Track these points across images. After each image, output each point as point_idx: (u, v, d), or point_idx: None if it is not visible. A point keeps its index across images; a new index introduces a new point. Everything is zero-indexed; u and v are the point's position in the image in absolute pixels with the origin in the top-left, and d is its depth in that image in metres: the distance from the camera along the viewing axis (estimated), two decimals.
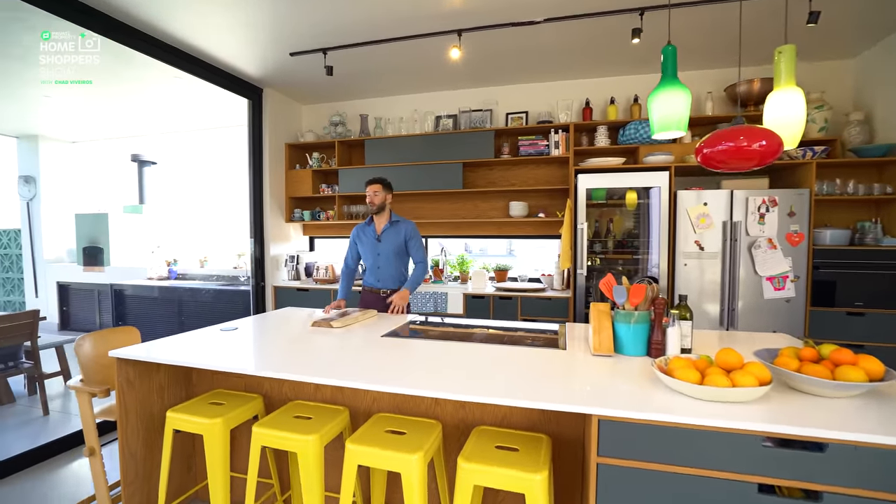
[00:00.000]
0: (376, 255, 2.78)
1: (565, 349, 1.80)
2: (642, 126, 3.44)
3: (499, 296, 3.64)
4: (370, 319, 2.43)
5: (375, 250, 2.78)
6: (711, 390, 1.18)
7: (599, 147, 3.67)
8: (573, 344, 1.88)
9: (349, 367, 1.58)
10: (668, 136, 1.73)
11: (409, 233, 2.78)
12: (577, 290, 3.39)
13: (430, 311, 3.79)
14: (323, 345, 1.91)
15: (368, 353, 1.77)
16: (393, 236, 2.76)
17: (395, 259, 2.77)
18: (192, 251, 5.72)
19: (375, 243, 2.78)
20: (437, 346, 1.88)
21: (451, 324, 2.47)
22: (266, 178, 4.23)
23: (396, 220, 2.80)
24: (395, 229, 2.78)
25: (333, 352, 1.80)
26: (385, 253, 2.76)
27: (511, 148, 4.01)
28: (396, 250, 2.76)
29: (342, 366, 1.61)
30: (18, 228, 6.42)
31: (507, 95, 4.15)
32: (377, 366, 1.60)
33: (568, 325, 2.26)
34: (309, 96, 4.50)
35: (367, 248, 2.81)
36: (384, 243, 2.76)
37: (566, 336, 2.03)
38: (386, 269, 2.78)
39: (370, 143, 4.18)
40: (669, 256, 3.20)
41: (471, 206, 4.25)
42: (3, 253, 6.94)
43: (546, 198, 4.05)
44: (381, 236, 2.77)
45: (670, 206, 3.20)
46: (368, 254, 2.81)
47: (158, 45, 3.22)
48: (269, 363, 1.64)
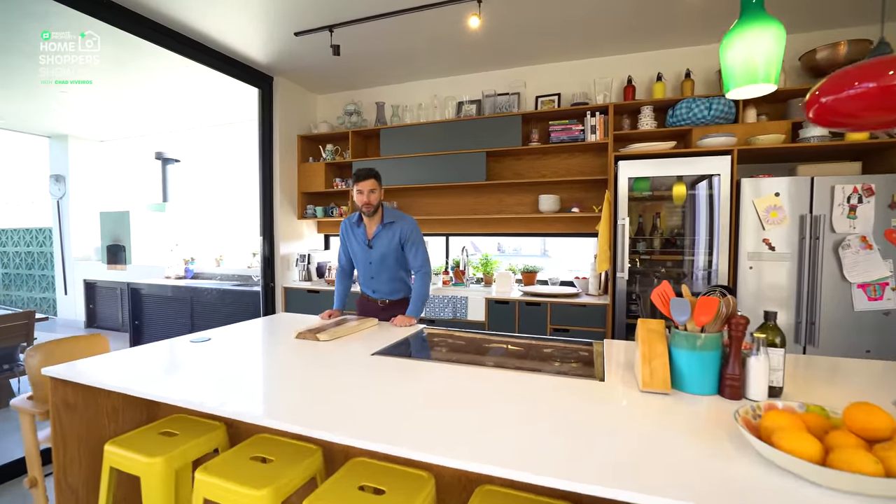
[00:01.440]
0: (368, 264, 2.37)
1: (603, 380, 1.37)
2: (696, 105, 2.91)
3: (525, 301, 3.21)
4: (367, 330, 2.07)
5: (367, 257, 2.36)
6: (852, 479, 0.72)
7: (643, 131, 3.16)
8: (613, 370, 1.44)
9: (319, 408, 1.21)
10: (750, 93, 1.27)
11: (405, 234, 2.30)
12: (616, 297, 2.91)
13: (447, 317, 3.40)
14: (300, 366, 1.56)
15: (351, 381, 1.40)
16: (386, 241, 2.31)
17: (391, 265, 2.35)
18: (209, 249, 5.59)
19: (366, 249, 2.36)
20: (440, 371, 1.49)
21: (465, 336, 2.07)
22: (276, 172, 3.97)
23: (391, 220, 2.31)
24: (388, 232, 2.31)
25: (308, 378, 1.44)
26: (378, 261, 2.34)
27: (541, 134, 3.56)
28: (392, 256, 2.33)
29: (312, 401, 1.25)
30: (51, 227, 6.52)
31: (536, 76, 3.70)
32: (356, 403, 1.23)
33: (606, 343, 1.82)
34: (323, 85, 4.21)
35: (358, 253, 2.40)
36: (376, 249, 2.33)
37: (604, 357, 1.59)
38: (381, 278, 2.37)
39: (386, 133, 3.84)
40: (731, 258, 2.68)
41: (495, 200, 3.83)
42: (38, 251, 7.11)
43: (581, 190, 3.57)
44: (372, 241, 2.34)
45: (733, 197, 2.67)
46: (359, 260, 2.41)
47: (162, 30, 3.01)
48: (222, 393, 1.30)
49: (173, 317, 4.70)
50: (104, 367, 1.49)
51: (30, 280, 7.23)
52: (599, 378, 1.38)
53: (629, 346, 1.78)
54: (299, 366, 1.55)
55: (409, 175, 3.74)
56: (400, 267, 2.37)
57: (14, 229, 7.41)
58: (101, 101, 4.72)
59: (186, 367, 1.51)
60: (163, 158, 6.25)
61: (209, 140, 5.83)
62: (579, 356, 1.73)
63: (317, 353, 1.70)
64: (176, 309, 4.68)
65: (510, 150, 3.49)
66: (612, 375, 1.40)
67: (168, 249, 5.71)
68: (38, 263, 7.11)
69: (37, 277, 7.13)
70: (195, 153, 6.16)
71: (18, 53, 3.60)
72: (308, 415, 1.13)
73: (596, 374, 1.42)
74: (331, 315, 2.30)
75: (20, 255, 7.34)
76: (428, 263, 2.38)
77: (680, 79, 3.27)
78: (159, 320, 4.81)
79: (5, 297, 7.58)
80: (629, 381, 1.35)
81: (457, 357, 1.70)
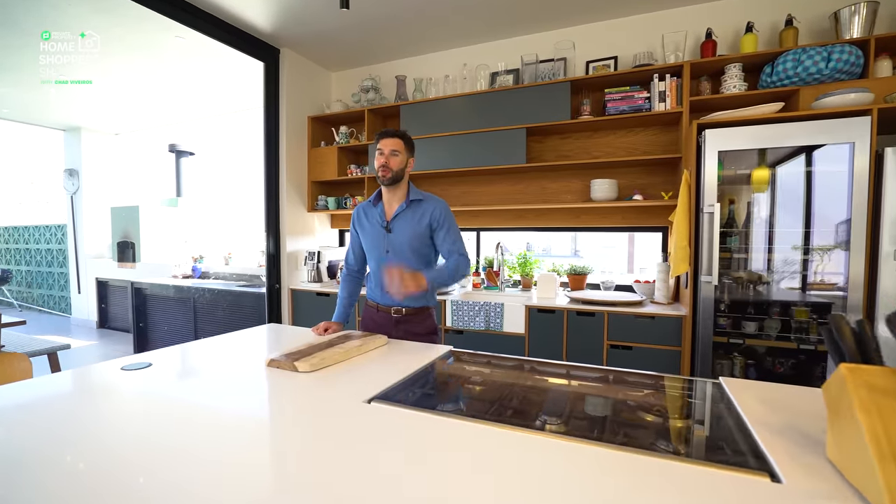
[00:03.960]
0: (383, 253, 1.78)
1: (778, 479, 0.74)
2: (809, 56, 2.22)
3: (575, 310, 2.58)
4: (370, 353, 1.50)
5: (382, 244, 1.78)
6: None
7: (730, 95, 2.48)
8: (782, 449, 0.82)
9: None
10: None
11: (437, 217, 1.73)
12: (699, 307, 2.24)
13: (479, 328, 2.81)
14: (251, 424, 1.01)
15: (328, 457, 0.83)
16: (411, 223, 1.74)
17: (414, 259, 1.75)
18: (219, 247, 5.19)
19: (382, 234, 1.78)
20: (478, 438, 0.90)
21: (507, 364, 1.47)
22: (283, 158, 3.49)
23: (418, 197, 1.77)
24: (415, 213, 1.75)
25: (255, 451, 0.88)
26: (397, 249, 1.75)
27: (594, 106, 2.92)
28: (416, 245, 1.74)
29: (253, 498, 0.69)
30: (65, 223, 6.32)
31: (586, 37, 3.06)
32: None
33: (729, 385, 1.18)
34: (337, 59, 3.70)
35: (371, 239, 1.81)
36: (396, 234, 1.75)
37: (740, 413, 0.97)
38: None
39: (406, 110, 3.28)
40: (868, 255, 1.97)
41: (536, 187, 3.21)
42: (57, 248, 6.94)
43: (643, 173, 2.91)
44: (391, 223, 1.77)
45: (871, 174, 1.96)
46: (372, 248, 1.81)
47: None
48: (109, 476, 0.76)
49: (177, 320, 4.30)
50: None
51: (49, 278, 7.09)
52: (768, 474, 0.76)
53: (776, 394, 1.14)
54: (250, 423, 1.00)
55: (432, 159, 3.17)
56: (425, 263, 1.79)
57: (35, 226, 7.31)
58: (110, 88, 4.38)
59: (77, 421, 0.98)
60: (176, 151, 5.92)
61: (223, 129, 5.45)
62: (693, 408, 1.11)
63: (290, 392, 1.15)
64: (179, 311, 4.28)
65: (555, 125, 2.87)
66: (788, 464, 0.78)
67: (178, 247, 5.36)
68: (56, 261, 6.96)
69: (56, 275, 6.98)
70: (209, 144, 5.80)
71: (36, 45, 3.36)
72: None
73: (756, 463, 0.80)
74: (327, 329, 1.75)
75: (41, 253, 7.22)
76: (465, 249, 1.78)
77: (777, 28, 2.56)
78: (164, 323, 4.43)
79: (27, 294, 7.49)
80: (830, 480, 0.72)
81: (500, 404, 1.11)
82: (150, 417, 1.00)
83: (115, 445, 0.85)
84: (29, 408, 1.03)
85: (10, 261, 7.77)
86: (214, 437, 0.89)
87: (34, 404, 1.05)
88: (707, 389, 1.21)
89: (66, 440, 0.87)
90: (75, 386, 1.19)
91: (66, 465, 0.78)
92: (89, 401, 1.09)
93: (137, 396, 1.13)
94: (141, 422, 0.98)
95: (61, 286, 6.84)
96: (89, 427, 0.93)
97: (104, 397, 1.12)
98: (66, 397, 1.11)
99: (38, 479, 0.73)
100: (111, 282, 5.77)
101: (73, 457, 0.80)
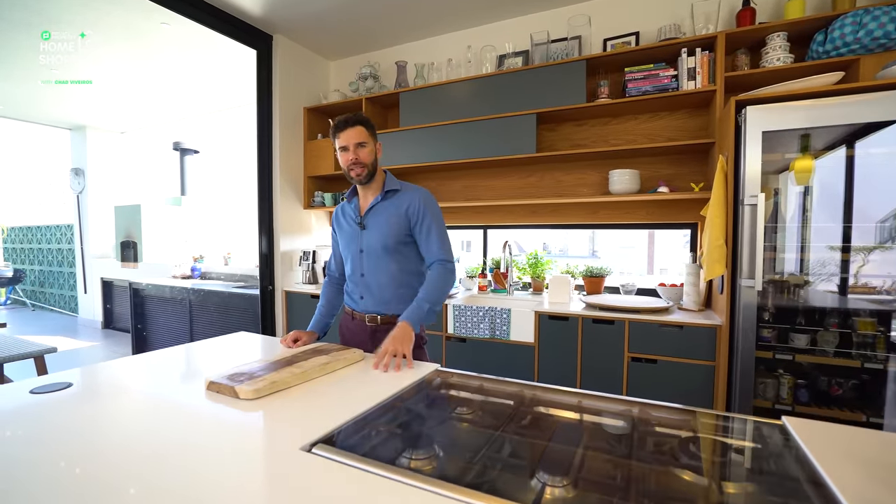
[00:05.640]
0: (357, 254, 1.54)
1: None
2: (870, 17, 1.87)
3: (591, 317, 2.27)
4: (338, 372, 1.24)
5: (357, 244, 1.54)
6: None
7: (774, 68, 2.14)
8: None
9: None
10: None
11: (415, 209, 1.49)
12: (737, 316, 1.91)
13: (483, 335, 2.53)
14: (154, 471, 0.75)
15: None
16: (386, 218, 1.50)
17: (391, 259, 1.51)
18: (219, 247, 5.03)
19: (357, 232, 1.54)
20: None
21: (507, 390, 1.19)
22: (276, 152, 3.26)
23: (395, 187, 1.53)
24: (390, 205, 1.51)
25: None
26: (371, 249, 1.52)
27: (613, 87, 2.61)
28: (392, 244, 1.49)
29: None
30: (72, 223, 6.27)
31: (603, 11, 2.74)
32: None
33: (799, 429, 0.87)
34: (336, 47, 3.46)
35: (346, 238, 1.58)
36: (370, 230, 1.52)
37: (822, 474, 0.67)
38: (374, 278, 1.53)
39: (406, 98, 3.02)
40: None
41: (549, 180, 2.91)
42: (67, 248, 6.92)
43: (670, 162, 2.58)
44: (365, 218, 1.53)
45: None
46: (346, 248, 1.59)
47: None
48: None
49: (173, 321, 4.13)
50: None
51: (60, 277, 7.09)
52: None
53: (870, 443, 0.84)
54: (153, 471, 0.74)
55: (434, 150, 2.90)
56: (404, 263, 1.53)
57: (46, 226, 7.32)
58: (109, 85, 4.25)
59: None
60: (181, 149, 5.80)
61: (226, 126, 5.29)
62: (753, 465, 0.81)
63: (217, 427, 0.90)
64: (175, 312, 4.11)
65: (569, 109, 2.56)
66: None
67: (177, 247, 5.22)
68: (66, 260, 6.94)
69: (66, 275, 6.96)
70: (212, 141, 5.66)
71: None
72: None
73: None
74: (297, 339, 1.50)
75: (51, 252, 7.23)
76: (450, 253, 1.54)
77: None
78: (161, 324, 4.27)
79: (40, 293, 7.51)
80: None
81: (488, 454, 0.83)
82: (34, 461, 0.75)
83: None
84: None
85: (24, 260, 7.81)
86: (92, 492, 0.63)
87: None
88: (768, 435, 0.91)
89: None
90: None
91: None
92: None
93: (34, 430, 0.88)
94: (23, 466, 0.73)
95: (70, 286, 6.82)
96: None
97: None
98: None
99: None
100: (115, 282, 5.68)
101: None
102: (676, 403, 1.04)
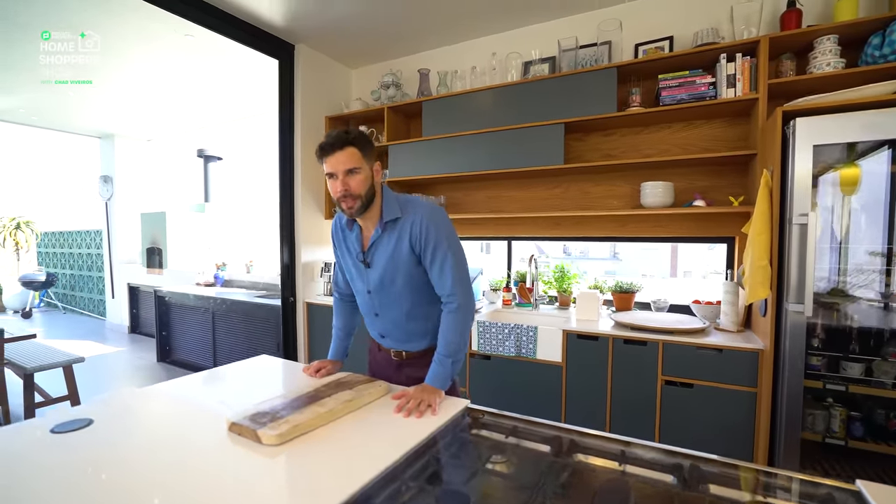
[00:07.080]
0: (366, 294, 1.40)
1: None
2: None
3: (622, 337, 2.17)
4: (361, 411, 1.18)
5: (364, 283, 1.39)
6: None
7: (822, 74, 2.00)
8: None
9: None
10: None
11: (416, 235, 1.28)
12: (783, 342, 1.79)
13: (509, 353, 2.44)
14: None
15: None
16: (389, 253, 1.31)
17: (404, 294, 1.35)
18: (241, 254, 5.07)
19: (362, 270, 1.38)
20: None
21: (543, 432, 1.11)
22: (298, 161, 3.25)
23: (393, 217, 1.30)
24: (391, 237, 1.31)
25: None
26: (379, 287, 1.36)
27: (645, 95, 2.49)
28: (403, 277, 1.33)
29: None
30: (100, 229, 6.43)
31: (635, 14, 2.63)
32: None
33: (872, 491, 0.77)
34: (357, 55, 3.43)
35: (352, 273, 1.43)
36: (376, 269, 1.35)
37: None
38: (389, 316, 1.39)
39: (429, 107, 2.96)
40: None
41: (576, 191, 2.81)
42: (96, 253, 7.11)
43: (706, 174, 2.46)
44: (369, 254, 1.35)
45: None
46: (354, 285, 1.45)
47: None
48: None
49: (197, 329, 4.17)
50: None
51: (90, 282, 7.28)
52: None
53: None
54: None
55: (457, 160, 2.83)
56: (418, 296, 1.36)
57: (77, 231, 7.53)
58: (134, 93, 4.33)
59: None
60: (205, 156, 5.89)
61: (249, 133, 5.33)
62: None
63: (238, 481, 0.85)
64: (198, 321, 4.14)
65: (599, 119, 2.46)
66: None
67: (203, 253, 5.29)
68: (96, 265, 7.13)
69: (95, 279, 7.15)
70: (236, 148, 5.72)
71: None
72: None
73: None
74: (320, 369, 1.45)
75: (82, 257, 7.44)
76: (466, 283, 1.32)
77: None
78: (185, 332, 4.32)
79: (71, 297, 7.74)
80: None
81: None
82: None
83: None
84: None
85: (56, 264, 8.07)
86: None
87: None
88: (842, 502, 0.81)
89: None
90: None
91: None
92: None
93: (61, 473, 0.85)
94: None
95: (99, 290, 7.00)
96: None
97: (16, 476, 0.85)
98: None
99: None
100: (141, 287, 5.79)
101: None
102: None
